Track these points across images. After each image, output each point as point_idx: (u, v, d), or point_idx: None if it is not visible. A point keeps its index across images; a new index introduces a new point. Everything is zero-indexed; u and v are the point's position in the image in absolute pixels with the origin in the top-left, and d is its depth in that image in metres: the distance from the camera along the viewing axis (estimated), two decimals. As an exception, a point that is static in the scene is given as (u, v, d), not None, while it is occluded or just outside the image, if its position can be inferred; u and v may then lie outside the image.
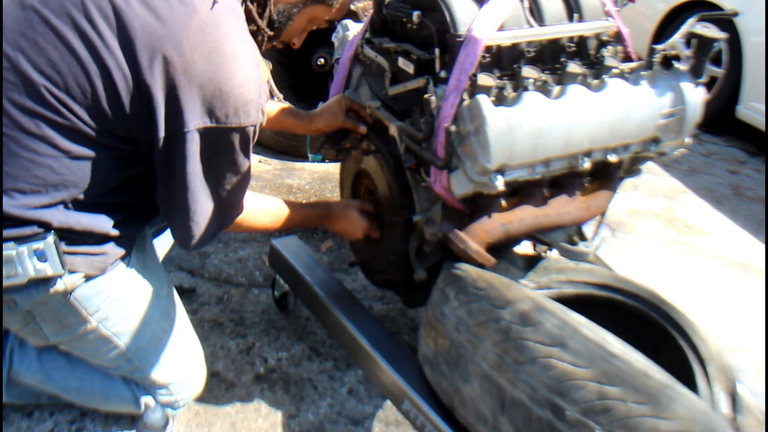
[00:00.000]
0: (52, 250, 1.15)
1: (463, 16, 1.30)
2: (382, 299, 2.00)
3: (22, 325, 1.27)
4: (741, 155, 3.56)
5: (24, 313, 1.24)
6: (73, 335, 1.30)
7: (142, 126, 1.13)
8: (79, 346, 1.34)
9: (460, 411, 1.19)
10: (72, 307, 1.24)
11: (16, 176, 1.12)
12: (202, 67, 1.09)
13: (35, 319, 1.26)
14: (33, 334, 1.30)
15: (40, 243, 1.14)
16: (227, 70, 1.11)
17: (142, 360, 1.38)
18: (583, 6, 1.40)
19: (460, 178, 1.29)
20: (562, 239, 1.40)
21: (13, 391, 1.46)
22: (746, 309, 2.17)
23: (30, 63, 1.09)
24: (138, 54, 1.08)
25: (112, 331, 1.31)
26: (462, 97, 1.23)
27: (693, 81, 1.36)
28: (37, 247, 1.14)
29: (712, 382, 1.14)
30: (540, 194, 1.36)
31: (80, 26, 1.09)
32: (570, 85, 1.28)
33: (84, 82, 1.09)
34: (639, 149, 1.40)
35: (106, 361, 1.38)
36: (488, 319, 1.14)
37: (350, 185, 1.77)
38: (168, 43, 1.08)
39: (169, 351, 1.41)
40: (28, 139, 1.11)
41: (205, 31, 1.10)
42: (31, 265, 1.14)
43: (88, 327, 1.28)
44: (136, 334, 1.34)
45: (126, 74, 1.09)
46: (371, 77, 1.63)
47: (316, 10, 1.32)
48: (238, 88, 1.12)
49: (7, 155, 1.11)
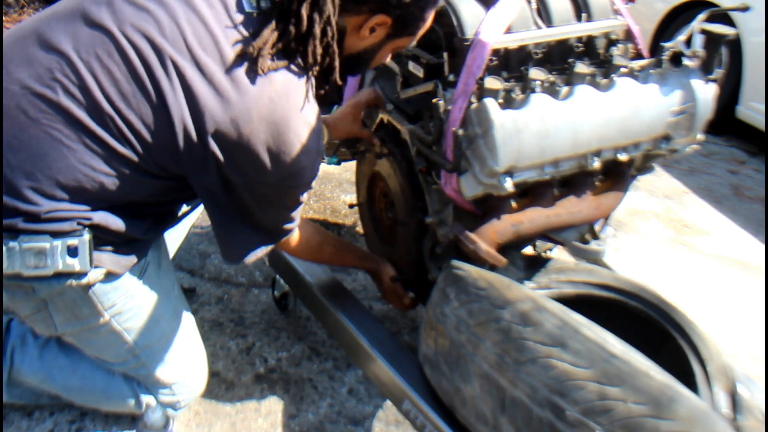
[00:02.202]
0: (85, 247, 1.17)
1: (470, 20, 1.30)
2: (382, 299, 2.00)
3: (33, 312, 1.27)
4: (741, 155, 3.56)
5: (38, 300, 1.25)
6: (83, 327, 1.30)
7: (198, 172, 1.17)
8: (87, 337, 1.34)
9: (460, 411, 1.19)
10: (89, 299, 1.25)
11: (66, 184, 1.13)
12: (263, 137, 1.12)
13: (48, 308, 1.26)
14: (42, 322, 1.30)
15: (75, 239, 1.16)
16: (287, 143, 1.15)
17: (149, 357, 1.39)
18: (592, 5, 1.40)
19: (469, 181, 1.29)
20: (574, 238, 1.40)
21: (13, 391, 1.46)
22: (746, 309, 2.17)
23: (101, 89, 1.10)
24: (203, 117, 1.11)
25: (123, 327, 1.32)
26: (470, 100, 1.24)
27: (703, 77, 1.35)
28: (71, 244, 1.15)
29: (712, 382, 1.14)
30: (550, 194, 1.36)
31: (154, 71, 1.10)
32: (578, 85, 1.28)
33: (150, 122, 1.11)
34: (650, 147, 1.39)
35: (111, 355, 1.38)
36: (488, 319, 1.14)
37: (366, 187, 1.77)
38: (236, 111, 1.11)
39: (175, 350, 1.42)
40: (87, 155, 1.13)
41: (275, 102, 1.12)
42: (61, 260, 1.16)
43: (101, 321, 1.29)
44: (146, 332, 1.35)
45: (190, 132, 1.12)
46: (383, 81, 1.63)
47: (400, 42, 1.29)
48: (295, 157, 1.16)
49: (63, 164, 1.12)
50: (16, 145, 1.11)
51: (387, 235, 1.74)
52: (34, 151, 1.11)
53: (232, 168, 1.15)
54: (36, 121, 1.11)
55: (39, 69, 1.11)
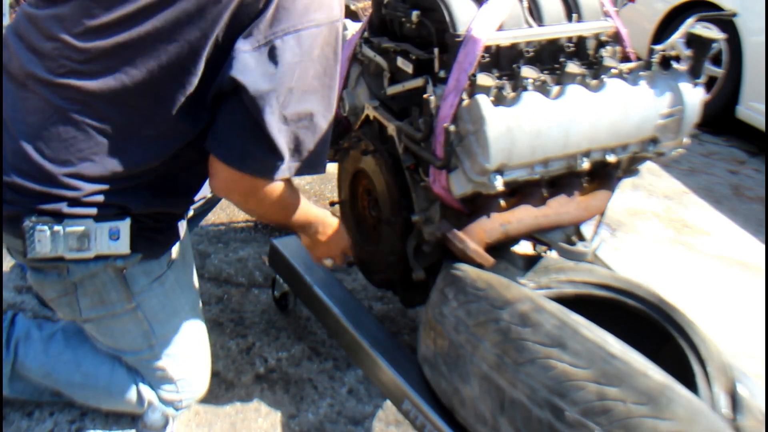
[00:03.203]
0: (126, 230, 1.21)
1: (462, 16, 1.30)
2: (382, 299, 2.00)
3: (60, 294, 1.29)
4: (741, 155, 3.56)
5: (68, 284, 1.27)
6: (108, 312, 1.32)
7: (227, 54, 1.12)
8: (108, 324, 1.35)
9: (459, 411, 1.20)
10: (119, 283, 1.28)
11: (100, 164, 1.18)
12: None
13: (76, 291, 1.28)
14: (67, 306, 1.31)
15: (117, 223, 1.20)
16: None
17: (162, 348, 1.40)
18: (582, 6, 1.40)
19: (459, 178, 1.29)
20: (560, 239, 1.40)
21: (16, 386, 1.46)
22: (746, 309, 2.17)
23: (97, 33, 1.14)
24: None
25: (145, 314, 1.34)
26: (461, 97, 1.23)
27: (692, 81, 1.36)
28: (113, 227, 1.20)
29: (712, 382, 1.14)
30: (539, 194, 1.36)
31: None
32: (569, 85, 1.28)
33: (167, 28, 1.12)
34: (637, 149, 1.40)
35: (127, 344, 1.39)
36: (487, 320, 1.14)
37: (348, 185, 1.76)
38: None
39: (186, 345, 1.43)
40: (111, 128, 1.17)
41: None
42: (105, 243, 1.20)
43: (127, 306, 1.31)
44: (165, 322, 1.38)
45: None
46: (369, 77, 1.63)
47: None
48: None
49: (92, 142, 1.17)
50: (47, 136, 1.17)
51: (370, 233, 1.72)
52: (63, 137, 1.17)
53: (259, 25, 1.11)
54: (59, 110, 1.16)
55: (46, 61, 1.17)
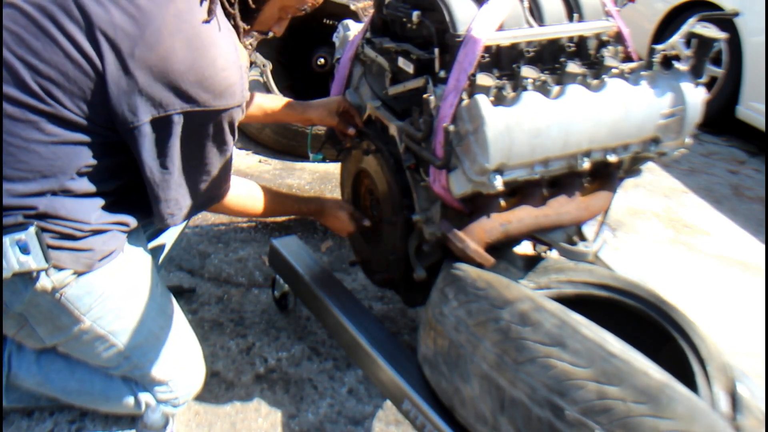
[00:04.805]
0: (34, 241, 1.14)
1: (462, 16, 1.30)
2: (382, 299, 2.00)
3: (17, 329, 1.28)
4: (741, 155, 3.56)
5: (17, 317, 1.24)
6: (68, 336, 1.30)
7: (125, 111, 1.14)
8: (76, 347, 1.34)
9: (459, 411, 1.19)
10: (63, 307, 1.24)
11: (6, 166, 1.13)
12: (182, 54, 1.12)
13: (29, 322, 1.26)
14: (29, 337, 1.30)
15: (21, 234, 1.13)
16: (207, 56, 1.14)
17: (141, 357, 1.38)
18: (583, 6, 1.40)
19: (458, 178, 1.29)
20: (561, 239, 1.40)
21: (12, 395, 1.46)
22: (746, 309, 2.17)
23: (12, 53, 1.12)
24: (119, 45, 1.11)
25: (107, 330, 1.31)
26: (461, 97, 1.23)
27: (693, 81, 1.36)
28: (18, 238, 1.13)
29: (712, 382, 1.14)
30: (539, 194, 1.36)
31: (58, 20, 1.12)
32: (569, 85, 1.28)
33: (66, 69, 1.12)
34: (639, 149, 1.40)
35: (104, 360, 1.37)
36: (488, 319, 1.14)
37: (351, 185, 1.77)
38: (147, 32, 1.11)
39: (167, 347, 1.41)
40: (14, 126, 1.13)
41: (181, 18, 1.13)
42: (15, 258, 1.13)
43: (82, 327, 1.28)
44: (133, 332, 1.34)
45: (106, 64, 1.11)
46: (372, 77, 1.63)
47: (286, 1, 1.32)
48: (220, 72, 1.15)
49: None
50: None
51: (372, 233, 1.73)
52: None
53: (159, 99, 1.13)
54: None
55: None
